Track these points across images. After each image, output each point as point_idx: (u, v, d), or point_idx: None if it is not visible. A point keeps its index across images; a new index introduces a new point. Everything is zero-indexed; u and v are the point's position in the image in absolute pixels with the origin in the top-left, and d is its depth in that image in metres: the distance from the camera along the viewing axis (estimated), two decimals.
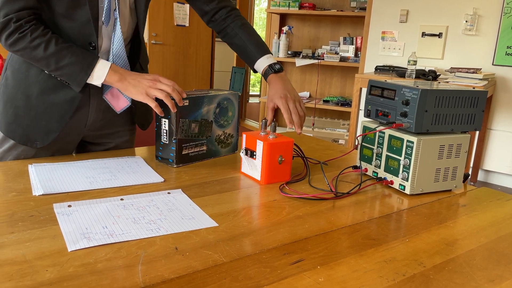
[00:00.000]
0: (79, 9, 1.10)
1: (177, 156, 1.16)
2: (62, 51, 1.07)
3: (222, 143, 1.29)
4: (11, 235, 0.74)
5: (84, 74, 1.09)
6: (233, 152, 1.33)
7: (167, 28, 5.62)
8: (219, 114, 1.24)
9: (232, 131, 1.31)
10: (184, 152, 1.17)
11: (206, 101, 1.19)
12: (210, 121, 1.22)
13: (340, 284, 0.65)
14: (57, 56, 1.07)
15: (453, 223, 0.92)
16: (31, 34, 1.05)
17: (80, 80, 1.09)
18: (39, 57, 1.06)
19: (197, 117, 1.18)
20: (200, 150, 1.22)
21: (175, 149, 1.15)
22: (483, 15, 3.70)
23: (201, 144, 1.21)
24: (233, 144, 1.33)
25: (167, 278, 0.64)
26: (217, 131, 1.25)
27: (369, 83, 1.17)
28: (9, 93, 1.16)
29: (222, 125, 1.27)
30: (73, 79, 1.10)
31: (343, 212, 0.93)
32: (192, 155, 1.20)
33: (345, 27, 4.81)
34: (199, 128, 1.19)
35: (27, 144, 1.17)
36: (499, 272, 0.72)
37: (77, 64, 1.08)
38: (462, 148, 1.08)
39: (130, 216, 0.84)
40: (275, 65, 1.27)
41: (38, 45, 1.05)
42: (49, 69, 1.09)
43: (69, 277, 0.63)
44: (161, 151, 1.18)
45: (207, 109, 1.20)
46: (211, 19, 1.35)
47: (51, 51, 1.06)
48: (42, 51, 1.06)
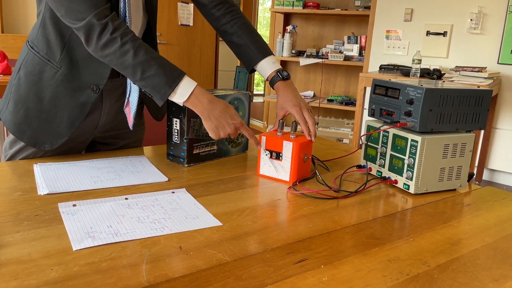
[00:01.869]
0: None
1: (188, 156, 1.16)
2: (151, 60, 1.03)
3: (233, 143, 1.29)
4: (17, 234, 0.75)
5: (168, 87, 1.03)
6: (243, 152, 1.34)
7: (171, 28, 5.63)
8: None
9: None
10: (195, 151, 1.18)
11: None
12: None
13: (344, 284, 0.65)
14: (145, 65, 1.02)
15: (457, 222, 0.91)
16: (121, 38, 1.00)
17: (164, 93, 1.04)
18: (126, 63, 1.02)
19: None
20: (211, 149, 1.22)
21: (186, 149, 1.15)
22: (488, 14, 3.68)
23: (212, 144, 1.22)
24: (243, 144, 1.33)
25: (171, 277, 0.65)
26: None
27: (374, 82, 1.16)
28: (21, 93, 1.15)
29: None
30: (157, 91, 1.04)
31: (347, 212, 0.93)
32: (203, 155, 1.20)
33: (349, 26, 4.80)
34: None
35: (35, 146, 1.16)
36: (504, 272, 0.72)
37: (163, 75, 1.03)
38: (466, 147, 1.08)
39: (134, 215, 0.85)
40: (283, 72, 1.26)
41: (128, 50, 1.00)
42: (135, 78, 1.04)
43: (74, 276, 0.63)
44: (172, 151, 1.19)
45: None
46: (209, 13, 1.30)
47: (140, 59, 1.01)
48: (131, 57, 1.01)
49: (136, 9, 1.17)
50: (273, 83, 1.26)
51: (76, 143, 1.25)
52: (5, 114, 1.18)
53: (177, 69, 1.07)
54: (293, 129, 1.11)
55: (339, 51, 4.67)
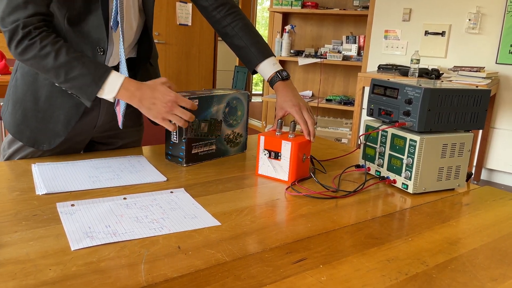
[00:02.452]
0: (91, 14, 1.08)
1: (187, 155, 1.16)
2: (73, 61, 1.01)
3: (231, 143, 1.29)
4: (15, 234, 0.75)
5: (94, 86, 1.02)
6: (241, 152, 1.34)
7: (170, 27, 5.63)
8: (229, 113, 1.25)
9: (241, 130, 1.31)
10: (193, 151, 1.17)
11: (216, 101, 1.19)
12: (220, 120, 1.22)
13: (343, 283, 0.65)
14: (68, 67, 1.01)
15: (456, 222, 0.91)
16: (40, 42, 0.99)
17: (90, 93, 1.03)
18: (48, 67, 1.01)
19: (207, 116, 1.18)
20: (209, 149, 1.22)
21: (185, 148, 1.15)
22: (487, 14, 3.68)
23: (211, 144, 1.22)
24: (242, 144, 1.33)
25: (170, 277, 0.64)
26: (226, 130, 1.26)
27: (372, 82, 1.17)
28: (19, 94, 1.16)
29: (231, 124, 1.27)
30: (83, 91, 1.03)
31: (346, 211, 0.93)
32: (201, 155, 1.20)
33: (348, 26, 4.80)
34: (209, 127, 1.19)
35: (34, 146, 1.17)
36: (502, 271, 0.72)
37: (88, 75, 1.02)
38: (465, 147, 1.08)
39: (133, 215, 0.85)
40: (283, 72, 1.26)
41: (48, 53, 1.00)
42: (59, 80, 1.03)
43: (72, 276, 0.63)
44: (171, 150, 1.18)
45: (217, 109, 1.20)
46: (210, 15, 1.31)
47: (61, 61, 1.00)
48: (52, 60, 1.00)
49: (132, 9, 1.17)
50: (273, 83, 1.26)
51: (74, 143, 1.25)
52: (5, 115, 1.19)
53: (102, 65, 1.05)
54: (291, 129, 1.11)
55: (338, 51, 4.68)
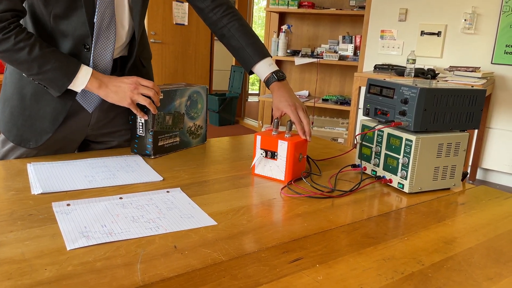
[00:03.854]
0: (75, 10, 1.09)
1: (154, 148, 1.20)
2: (46, 55, 1.05)
3: (193, 134, 1.35)
4: (10, 233, 0.74)
5: (66, 80, 1.08)
6: (202, 143, 1.40)
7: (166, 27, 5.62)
8: (190, 106, 1.30)
9: (201, 122, 1.37)
10: (160, 143, 1.22)
11: (178, 94, 1.25)
12: (182, 113, 1.27)
13: (339, 283, 0.66)
14: (41, 61, 1.05)
15: (451, 221, 0.92)
16: (15, 37, 1.02)
17: (62, 86, 1.09)
18: (21, 60, 1.04)
19: (171, 109, 1.23)
20: (174, 141, 1.27)
21: (152, 141, 1.19)
22: (482, 14, 3.70)
23: (175, 136, 1.27)
24: (202, 135, 1.40)
25: (166, 277, 0.64)
26: (188, 123, 1.32)
27: (368, 81, 1.17)
28: (7, 93, 1.17)
29: (193, 117, 1.33)
30: (54, 84, 1.08)
31: (342, 211, 0.93)
32: (167, 146, 1.25)
33: (344, 26, 4.81)
34: (173, 120, 1.24)
35: (21, 144, 1.17)
36: (498, 270, 0.72)
37: (60, 69, 1.07)
38: (460, 146, 1.08)
39: (129, 214, 0.84)
40: (279, 73, 1.26)
41: (22, 48, 1.03)
42: (31, 72, 1.07)
43: (68, 275, 0.63)
44: (137, 143, 1.22)
45: (179, 102, 1.26)
46: (206, 17, 1.32)
47: (35, 55, 1.04)
48: (26, 54, 1.03)
49: (124, 9, 1.17)
50: (269, 83, 1.26)
51: (68, 142, 1.25)
52: None
53: (73, 60, 1.10)
54: (288, 129, 1.11)
55: (334, 51, 4.68)
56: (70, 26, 1.10)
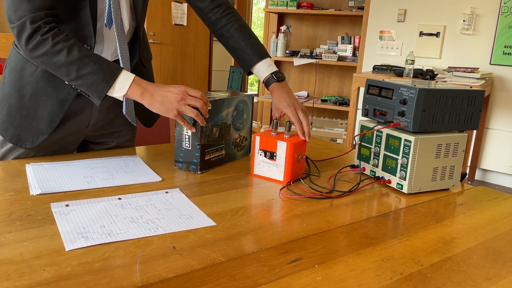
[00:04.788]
0: (79, 10, 1.08)
1: (201, 162, 1.12)
2: (85, 58, 1.01)
3: (238, 146, 1.26)
4: (9, 234, 0.74)
5: (105, 84, 1.02)
6: (246, 155, 1.31)
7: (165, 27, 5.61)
8: (236, 117, 1.22)
9: (246, 133, 1.29)
10: (206, 157, 1.13)
11: (226, 104, 1.17)
12: (229, 124, 1.19)
13: (338, 283, 0.66)
14: (80, 63, 1.00)
15: (450, 222, 0.92)
16: (53, 38, 0.99)
17: (101, 90, 1.02)
18: (60, 63, 1.00)
19: (218, 121, 1.14)
20: (220, 154, 1.18)
21: (199, 155, 1.11)
22: (481, 15, 3.70)
23: (221, 149, 1.18)
24: (246, 147, 1.31)
25: (165, 277, 0.64)
26: (234, 134, 1.23)
27: (367, 82, 1.17)
28: (5, 91, 1.17)
29: (239, 128, 1.24)
30: (94, 89, 1.02)
31: (341, 211, 0.93)
32: (213, 160, 1.16)
33: (343, 27, 4.81)
34: (219, 132, 1.16)
35: (17, 144, 1.16)
36: (496, 271, 0.72)
37: (99, 73, 1.01)
38: (459, 147, 1.09)
39: (128, 215, 0.84)
40: (278, 73, 1.26)
41: (61, 50, 0.99)
42: (70, 77, 1.02)
43: (66, 276, 0.63)
44: (182, 157, 1.13)
45: (226, 112, 1.17)
46: (206, 17, 1.31)
47: (73, 58, 1.00)
48: (65, 56, 0.99)
49: (124, 9, 1.17)
50: (268, 84, 1.26)
51: (67, 142, 1.25)
52: None
53: (113, 64, 1.05)
54: (287, 129, 1.11)
55: (333, 51, 4.68)
56: (73, 26, 1.10)
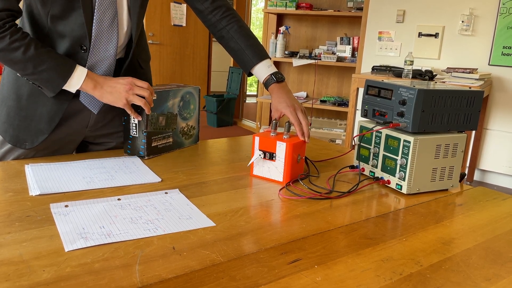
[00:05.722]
0: (74, 11, 1.09)
1: (148, 148, 1.21)
2: (42, 55, 1.05)
3: (186, 135, 1.36)
4: (8, 235, 0.74)
5: (61, 80, 1.08)
6: (195, 143, 1.41)
7: (164, 28, 5.62)
8: (183, 107, 1.32)
9: (194, 123, 1.38)
10: (153, 144, 1.22)
11: (171, 95, 1.26)
12: (175, 114, 1.28)
13: (338, 283, 0.66)
14: (36, 60, 1.04)
15: (449, 222, 0.92)
16: (10, 36, 1.02)
17: (56, 86, 1.08)
18: (16, 59, 1.03)
19: (164, 110, 1.24)
20: (167, 142, 1.27)
21: (146, 142, 1.19)
22: (479, 15, 3.71)
23: (168, 136, 1.27)
24: (195, 136, 1.41)
25: (164, 278, 0.64)
26: (181, 123, 1.32)
27: (366, 83, 1.17)
28: (4, 93, 1.17)
29: (185, 117, 1.34)
30: (49, 84, 1.08)
31: (340, 212, 0.93)
32: (160, 147, 1.25)
33: (342, 27, 4.82)
34: (166, 120, 1.25)
35: (17, 145, 1.17)
36: (496, 271, 0.72)
37: (55, 70, 1.07)
38: (458, 147, 1.09)
39: (127, 216, 0.84)
40: (278, 74, 1.26)
41: (18, 48, 1.03)
42: (25, 72, 1.06)
43: (66, 277, 0.63)
44: (130, 145, 1.22)
45: (172, 103, 1.27)
46: (205, 18, 1.32)
47: (30, 55, 1.03)
48: (21, 54, 1.03)
49: (123, 10, 1.17)
50: (268, 85, 1.26)
51: (66, 143, 1.25)
52: None
53: (68, 60, 1.09)
54: (286, 130, 1.11)
55: (332, 52, 4.69)
56: (68, 27, 1.10)
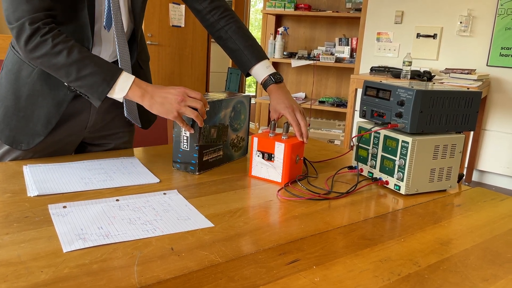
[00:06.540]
0: (77, 12, 1.08)
1: (199, 163, 1.12)
2: (85, 59, 1.00)
3: (235, 147, 1.27)
4: (6, 236, 0.74)
5: (106, 85, 1.01)
6: (243, 156, 1.32)
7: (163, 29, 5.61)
8: (234, 117, 1.23)
9: (243, 134, 1.30)
10: (204, 158, 1.14)
11: (224, 105, 1.17)
12: (226, 125, 1.20)
13: (336, 284, 0.66)
14: (80, 65, 1.00)
15: (447, 223, 0.92)
16: (53, 39, 0.98)
17: (101, 92, 1.02)
18: (60, 64, 0.99)
19: (216, 121, 1.15)
20: (217, 155, 1.19)
21: (198, 156, 1.11)
22: (478, 16, 3.72)
23: (218, 149, 1.19)
24: (244, 147, 1.32)
25: (162, 279, 0.64)
26: (232, 135, 1.24)
27: (365, 83, 1.17)
28: (1, 92, 1.16)
29: (236, 128, 1.25)
30: (94, 90, 1.02)
31: (338, 212, 0.93)
32: (211, 161, 1.17)
33: (341, 28, 4.82)
34: (217, 132, 1.17)
35: (12, 146, 1.16)
36: (494, 271, 0.72)
37: (99, 74, 1.01)
38: (456, 148, 1.09)
39: (125, 216, 0.84)
40: (276, 75, 1.26)
41: (61, 51, 0.98)
42: (69, 78, 1.01)
43: (64, 278, 0.63)
44: (180, 158, 1.13)
45: (224, 113, 1.18)
46: (204, 19, 1.31)
47: (73, 59, 0.99)
48: (65, 57, 0.99)
49: (123, 11, 1.17)
50: (266, 86, 1.26)
51: (65, 144, 1.25)
52: None
53: (114, 66, 1.05)
54: (285, 131, 1.11)
55: (331, 53, 4.69)
56: (71, 28, 1.09)
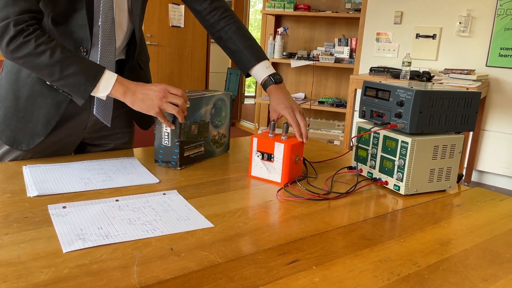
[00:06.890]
0: (75, 13, 1.08)
1: (180, 158, 1.15)
2: (69, 59, 1.01)
3: (217, 143, 1.30)
4: (6, 236, 0.74)
5: (89, 84, 1.02)
6: (225, 152, 1.35)
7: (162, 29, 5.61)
8: (215, 114, 1.25)
9: (225, 131, 1.33)
10: (185, 154, 1.17)
11: (204, 102, 1.20)
12: (207, 122, 1.23)
13: (336, 284, 0.66)
14: (63, 64, 1.00)
15: (447, 223, 0.92)
16: (35, 40, 0.98)
17: (84, 91, 1.03)
18: (43, 64, 1.00)
19: (196, 118, 1.18)
20: (199, 151, 1.22)
21: (178, 151, 1.14)
22: (477, 17, 3.72)
23: (200, 145, 1.22)
24: (225, 144, 1.34)
25: (162, 279, 0.64)
26: (213, 131, 1.26)
27: (364, 84, 1.17)
28: (1, 93, 1.16)
29: (217, 125, 1.28)
30: (77, 89, 1.03)
31: (338, 213, 0.94)
32: (192, 157, 1.20)
33: (340, 29, 4.82)
34: (198, 129, 1.20)
35: (13, 146, 1.16)
36: (493, 272, 0.73)
37: (82, 73, 1.02)
38: (456, 148, 1.09)
39: (125, 217, 0.84)
40: (276, 76, 1.26)
41: (43, 51, 0.99)
42: (52, 78, 1.02)
43: (64, 278, 0.63)
44: (162, 154, 1.16)
45: (205, 110, 1.21)
46: (204, 19, 1.32)
47: (56, 59, 1.00)
48: (48, 58, 0.99)
49: (123, 11, 1.17)
50: (266, 86, 1.26)
51: (65, 144, 1.25)
52: None
53: (96, 65, 1.05)
54: (284, 131, 1.11)
55: (330, 53, 4.69)
56: (69, 28, 1.09)
